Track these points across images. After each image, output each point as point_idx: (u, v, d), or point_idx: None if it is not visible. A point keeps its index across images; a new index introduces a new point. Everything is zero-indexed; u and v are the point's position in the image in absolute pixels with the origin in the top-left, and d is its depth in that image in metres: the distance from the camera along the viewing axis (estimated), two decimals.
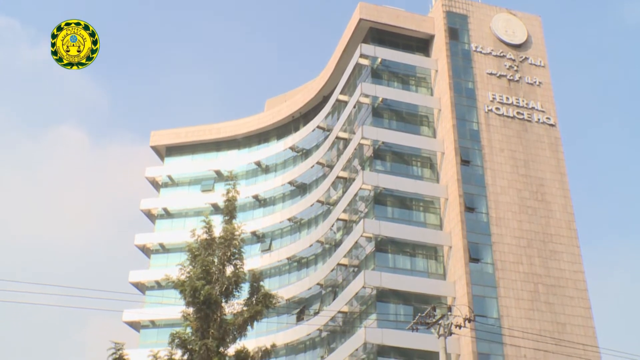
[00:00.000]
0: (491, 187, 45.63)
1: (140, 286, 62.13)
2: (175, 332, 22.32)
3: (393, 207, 46.24)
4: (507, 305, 41.72)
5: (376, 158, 47.51)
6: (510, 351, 40.27)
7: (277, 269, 57.29)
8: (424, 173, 48.03)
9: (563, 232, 45.57)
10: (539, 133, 48.84)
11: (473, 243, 43.30)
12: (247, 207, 61.04)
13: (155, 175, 66.56)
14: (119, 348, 21.25)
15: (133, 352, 30.79)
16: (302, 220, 57.42)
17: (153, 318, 59.15)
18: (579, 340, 41.36)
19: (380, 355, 40.70)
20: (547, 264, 44.02)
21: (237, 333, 22.39)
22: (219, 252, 23.26)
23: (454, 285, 42.56)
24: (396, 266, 43.90)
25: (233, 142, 65.94)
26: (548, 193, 46.74)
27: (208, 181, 64.42)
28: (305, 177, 58.50)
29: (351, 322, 45.43)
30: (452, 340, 38.80)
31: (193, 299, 21.94)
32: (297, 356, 51.95)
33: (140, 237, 63.86)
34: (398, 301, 42.70)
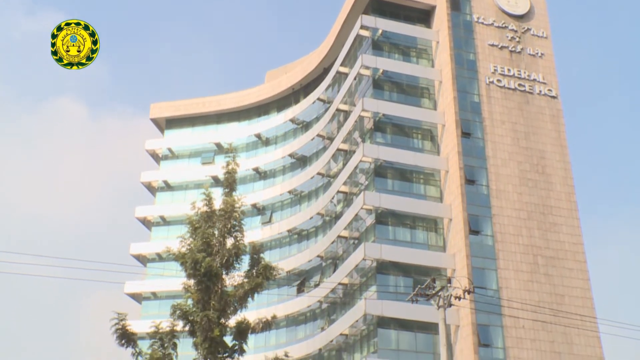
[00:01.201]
0: (492, 159, 45.59)
1: (141, 258, 62.49)
2: (176, 303, 22.45)
3: (393, 180, 46.27)
4: (507, 277, 41.98)
5: (377, 130, 47.39)
6: (509, 322, 40.61)
7: (277, 241, 57.53)
8: (424, 145, 47.94)
9: (563, 205, 45.65)
10: (540, 105, 48.63)
11: (473, 215, 43.40)
12: (247, 179, 61.08)
13: (155, 148, 66.54)
14: (121, 319, 21.40)
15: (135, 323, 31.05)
16: (302, 193, 57.51)
17: (154, 290, 59.60)
18: (577, 311, 41.67)
19: (380, 327, 41.07)
20: (546, 236, 44.17)
21: (238, 305, 22.52)
22: (220, 225, 23.30)
23: (453, 257, 42.76)
24: (396, 238, 44.06)
25: (233, 114, 65.73)
26: (548, 165, 46.70)
27: (208, 154, 64.36)
28: (305, 149, 58.44)
29: (351, 294, 45.75)
30: (451, 311, 39.10)
31: (194, 271, 22.03)
32: (297, 327, 52.42)
33: (141, 210, 64.04)
34: (398, 273, 42.95)
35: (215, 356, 21.66)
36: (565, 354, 40.79)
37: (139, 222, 64.70)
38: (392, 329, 41.38)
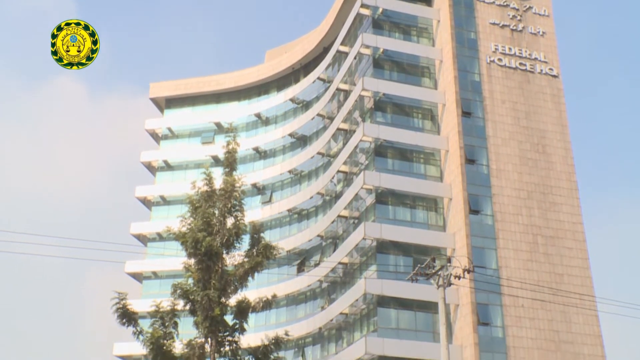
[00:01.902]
0: (492, 139, 45.50)
1: (141, 238, 62.67)
2: (177, 283, 22.54)
3: (393, 159, 46.21)
4: (506, 257, 42.11)
5: (377, 110, 47.24)
6: (508, 301, 40.82)
7: (277, 221, 57.65)
8: (424, 125, 47.82)
9: (563, 184, 45.66)
10: (541, 84, 48.42)
11: (473, 195, 43.42)
12: (247, 159, 61.06)
13: (155, 128, 66.43)
14: (122, 298, 21.48)
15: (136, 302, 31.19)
16: (302, 172, 57.50)
17: (155, 269, 59.85)
18: (576, 290, 41.88)
19: (380, 306, 41.28)
20: (546, 215, 44.24)
21: (238, 284, 22.60)
22: (220, 204, 23.30)
23: (453, 236, 42.86)
24: (396, 218, 44.13)
25: (233, 94, 65.53)
26: (549, 145, 46.62)
27: (208, 133, 64.29)
28: (305, 129, 58.33)
29: (351, 273, 45.93)
30: (451, 290, 39.29)
31: (194, 251, 22.07)
32: (297, 307, 52.70)
33: (141, 190, 64.11)
34: (398, 252, 43.08)
35: (216, 335, 21.79)
36: (564, 333, 41.07)
37: (139, 201, 64.81)
38: (392, 308, 41.60)
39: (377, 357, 39.50)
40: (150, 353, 21.05)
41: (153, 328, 21.42)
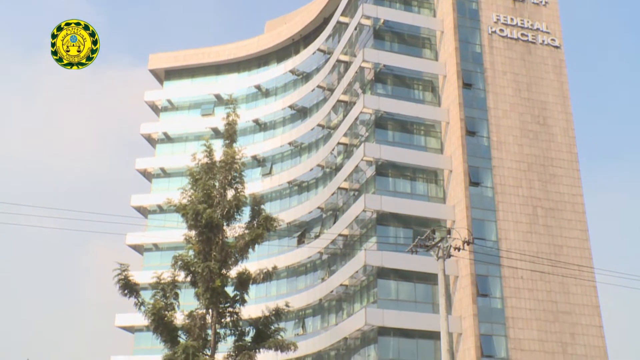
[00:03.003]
0: (493, 110, 45.32)
1: (142, 210, 62.81)
2: (178, 254, 22.62)
3: (394, 131, 46.10)
4: (506, 228, 42.24)
5: (377, 81, 46.97)
6: (508, 272, 41.05)
7: (277, 193, 57.71)
8: (425, 96, 47.60)
9: (563, 156, 45.59)
10: (543, 55, 48.06)
11: (473, 167, 43.39)
12: (247, 131, 60.91)
13: (155, 99, 66.17)
14: (124, 269, 21.59)
15: (137, 274, 31.38)
16: (302, 144, 57.41)
17: (156, 241, 60.08)
18: (575, 261, 42.09)
19: (380, 277, 41.53)
20: (546, 187, 44.26)
21: (239, 255, 22.69)
22: (220, 176, 23.30)
23: (453, 208, 42.93)
24: (396, 190, 44.16)
25: (233, 65, 65.15)
26: (550, 117, 46.45)
27: (208, 105, 64.06)
28: (305, 100, 58.07)
29: (351, 245, 46.11)
30: (450, 262, 39.49)
31: (195, 222, 22.12)
32: (298, 278, 53.02)
33: (141, 162, 64.06)
34: (398, 224, 43.20)
35: (217, 306, 21.94)
36: (562, 303, 41.39)
37: (139, 173, 64.82)
38: (392, 280, 41.85)
39: (377, 328, 39.86)
40: (151, 324, 21.22)
41: (154, 299, 21.56)
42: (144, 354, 55.19)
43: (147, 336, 47.47)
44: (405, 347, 40.18)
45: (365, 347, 41.73)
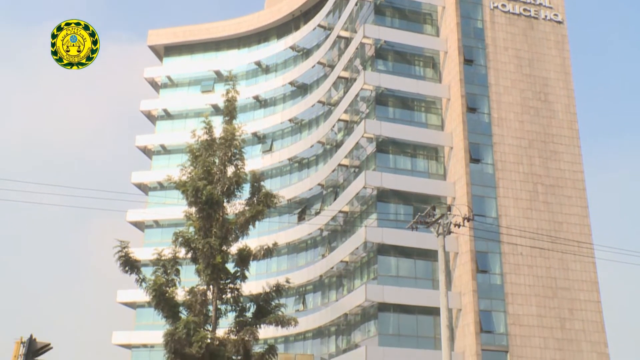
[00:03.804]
0: (494, 87, 45.11)
1: (142, 187, 62.90)
2: (178, 231, 22.66)
3: (394, 108, 45.94)
4: (506, 205, 42.30)
5: (378, 57, 46.69)
6: (507, 249, 41.20)
7: (278, 170, 57.72)
8: (426, 73, 47.35)
9: (564, 133, 45.49)
10: (546, 31, 47.70)
11: (474, 144, 43.32)
12: (247, 108, 60.73)
13: (154, 76, 65.90)
14: (124, 246, 21.63)
15: (138, 250, 31.52)
16: (303, 121, 57.26)
17: (156, 218, 60.23)
18: (575, 237, 42.21)
19: (380, 254, 41.68)
20: (547, 164, 44.23)
21: (239, 232, 22.72)
22: (220, 153, 23.25)
23: (453, 185, 42.95)
24: (397, 166, 44.14)
25: (233, 41, 64.75)
26: (551, 93, 46.25)
27: (208, 82, 63.81)
28: (306, 77, 57.80)
29: (352, 222, 46.20)
30: (450, 238, 39.61)
31: (195, 199, 22.11)
32: (298, 255, 53.23)
33: (141, 139, 63.99)
34: (398, 201, 43.24)
35: (218, 282, 22.04)
36: (561, 279, 41.60)
37: (140, 150, 64.78)
38: (392, 256, 42.01)
39: (377, 304, 40.10)
40: (153, 300, 21.33)
41: (155, 275, 21.65)
42: (145, 329, 55.68)
43: (149, 312, 47.83)
44: (405, 323, 40.48)
45: (365, 323, 42.04)
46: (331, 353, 46.03)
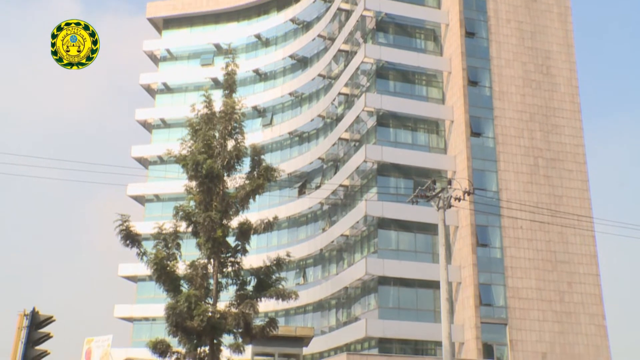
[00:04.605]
0: (495, 60, 44.81)
1: (142, 161, 62.86)
2: (179, 205, 22.64)
3: (395, 81, 45.69)
4: (506, 179, 42.29)
5: (379, 30, 46.31)
6: (507, 223, 41.29)
7: (278, 144, 57.60)
8: (427, 46, 47.00)
9: (566, 106, 45.30)
10: (548, 3, 47.22)
11: (475, 117, 43.18)
12: (247, 81, 60.41)
13: (153, 49, 65.42)
14: (125, 220, 21.60)
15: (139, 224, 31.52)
16: (303, 95, 57.00)
17: (157, 192, 60.30)
18: (575, 211, 42.30)
19: (380, 227, 41.79)
20: (548, 137, 44.12)
21: (240, 206, 22.67)
22: (220, 127, 23.10)
23: (454, 159, 42.89)
24: (397, 140, 44.05)
25: (232, 14, 64.13)
26: (553, 66, 45.95)
27: (207, 55, 63.36)
28: (306, 50, 57.37)
29: (352, 196, 46.25)
30: (451, 212, 39.68)
31: (195, 173, 22.03)
32: (298, 228, 53.37)
33: (141, 113, 63.76)
34: (399, 175, 43.23)
35: (219, 256, 22.07)
36: (560, 253, 41.77)
37: (139, 124, 64.60)
38: (392, 230, 42.13)
39: (377, 277, 40.32)
40: (154, 273, 21.38)
41: (156, 249, 21.66)
42: (146, 302, 56.08)
43: (150, 285, 48.11)
44: (405, 296, 40.74)
45: (365, 296, 42.31)
46: (331, 326, 46.40)
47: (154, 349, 21.11)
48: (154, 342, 21.14)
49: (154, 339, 21.35)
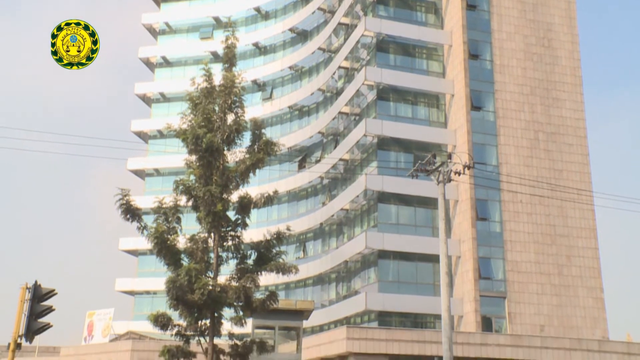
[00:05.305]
0: (497, 33, 44.47)
1: (142, 135, 62.76)
2: (179, 179, 22.59)
3: (395, 55, 45.39)
4: (507, 153, 42.26)
5: (379, 3, 45.89)
6: (507, 197, 41.36)
7: (278, 118, 57.45)
8: (428, 19, 46.61)
9: (567, 79, 45.09)
10: None
11: (475, 91, 43.01)
12: (247, 55, 60.04)
13: (152, 22, 64.91)
14: (125, 194, 21.57)
15: (139, 199, 31.62)
16: (303, 68, 56.69)
17: (157, 166, 60.31)
18: (575, 185, 42.35)
19: (380, 202, 41.86)
20: (548, 111, 44.00)
21: (240, 180, 22.62)
22: (220, 101, 22.95)
23: (454, 133, 42.81)
24: (397, 114, 43.92)
25: None
26: (555, 39, 45.63)
27: (206, 28, 62.88)
28: (306, 23, 56.92)
29: (352, 170, 46.26)
30: (451, 186, 39.73)
31: (195, 147, 21.95)
32: (298, 202, 53.47)
33: (140, 87, 63.49)
34: (399, 149, 43.19)
35: (219, 230, 22.09)
36: (560, 227, 41.91)
37: (139, 98, 64.37)
38: (392, 204, 42.22)
39: (377, 251, 40.50)
40: (154, 247, 21.41)
41: (157, 223, 21.65)
42: (147, 276, 56.44)
43: (151, 259, 48.39)
44: (404, 270, 40.97)
45: (365, 269, 42.55)
46: (331, 299, 46.73)
47: (155, 322, 21.23)
48: (155, 316, 21.25)
49: (155, 312, 21.46)
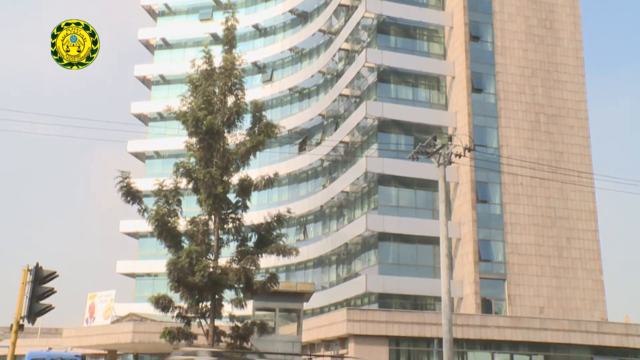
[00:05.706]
0: (498, 14, 44.20)
1: (142, 118, 62.63)
2: (179, 161, 22.57)
3: (396, 36, 45.13)
4: (507, 135, 42.19)
5: None
6: (508, 179, 41.36)
7: (278, 100, 57.29)
8: (428, 0, 46.29)
9: (569, 61, 44.89)
10: None
11: (476, 73, 42.83)
12: (247, 37, 59.72)
13: (152, 4, 64.53)
14: (125, 177, 21.56)
15: (139, 181, 31.62)
16: (303, 50, 56.41)
17: (157, 149, 60.26)
18: (575, 167, 42.32)
19: (380, 184, 41.85)
20: (550, 93, 43.85)
21: (240, 162, 22.60)
22: (220, 83, 22.87)
23: (455, 115, 42.70)
24: (398, 96, 43.78)
25: None
26: (557, 20, 45.35)
27: (206, 10, 62.52)
28: (306, 4, 56.55)
29: (352, 152, 46.21)
30: (451, 169, 39.71)
31: (195, 129, 21.91)
32: (299, 185, 53.48)
33: (140, 69, 63.25)
34: (399, 131, 43.10)
35: (219, 212, 22.11)
36: (560, 209, 41.95)
37: (139, 81, 64.14)
38: (393, 186, 42.22)
39: (377, 233, 40.57)
40: (155, 230, 21.44)
41: (157, 206, 21.65)
42: (148, 258, 56.61)
43: (152, 242, 48.49)
44: (405, 252, 41.07)
45: (365, 252, 42.65)
46: (332, 282, 46.90)
47: (156, 304, 21.33)
48: (156, 298, 21.35)
49: (156, 295, 21.56)
